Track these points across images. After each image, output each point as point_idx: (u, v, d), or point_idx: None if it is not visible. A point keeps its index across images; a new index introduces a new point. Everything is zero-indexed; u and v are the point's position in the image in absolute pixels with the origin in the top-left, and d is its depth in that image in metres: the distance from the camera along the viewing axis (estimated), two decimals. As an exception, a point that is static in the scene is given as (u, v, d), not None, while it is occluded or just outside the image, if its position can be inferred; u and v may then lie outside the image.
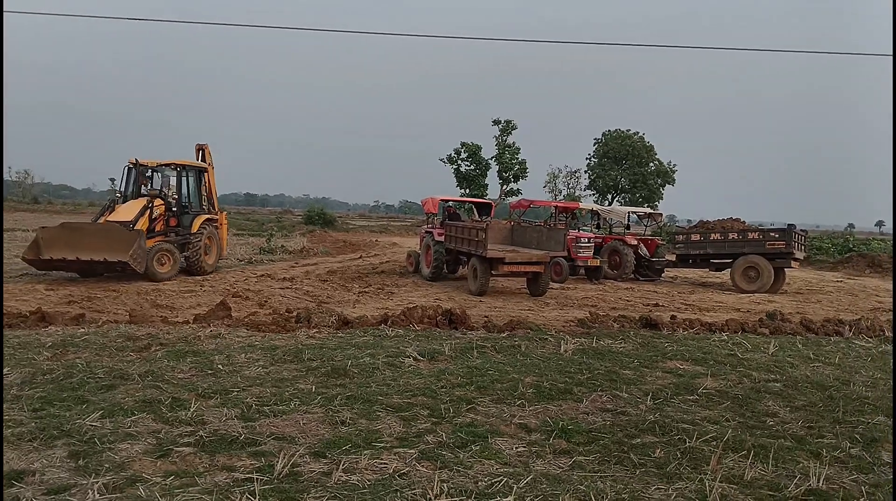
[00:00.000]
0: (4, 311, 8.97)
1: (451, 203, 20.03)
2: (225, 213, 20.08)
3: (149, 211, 14.99)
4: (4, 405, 4.96)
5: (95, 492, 3.55)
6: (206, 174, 17.55)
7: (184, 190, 16.51)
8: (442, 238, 16.77)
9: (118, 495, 3.56)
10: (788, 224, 18.20)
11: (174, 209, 16.06)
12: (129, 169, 15.92)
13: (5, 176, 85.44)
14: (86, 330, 8.03)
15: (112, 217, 14.70)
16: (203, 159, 17.73)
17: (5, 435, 4.32)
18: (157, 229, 15.31)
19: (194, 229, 16.08)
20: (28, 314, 8.79)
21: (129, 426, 4.63)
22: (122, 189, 15.96)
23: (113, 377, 5.81)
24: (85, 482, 3.69)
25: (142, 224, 14.56)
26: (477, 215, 19.83)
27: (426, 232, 18.00)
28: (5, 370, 5.85)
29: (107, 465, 3.95)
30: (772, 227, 19.92)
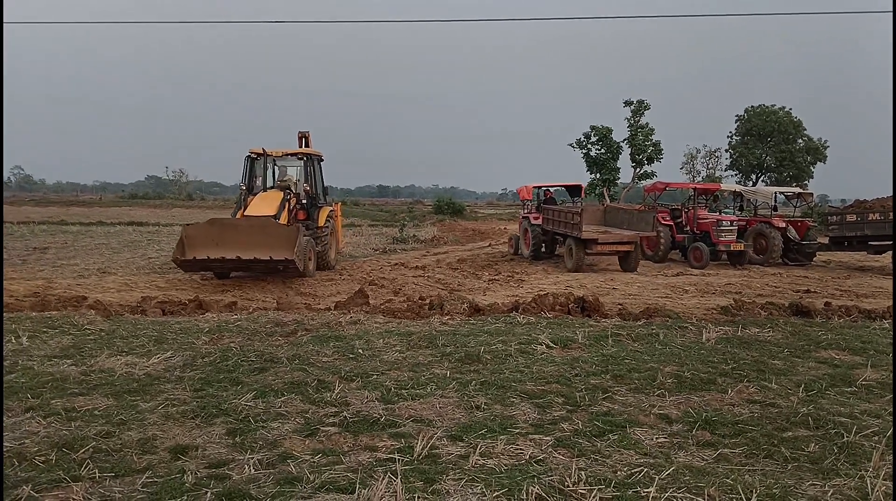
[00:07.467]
0: (167, 299, 9.81)
1: (544, 188, 21.06)
2: (339, 204, 18.66)
3: (287, 204, 13.75)
4: (170, 385, 5.42)
5: (251, 467, 3.80)
6: (322, 164, 16.20)
7: (310, 181, 15.16)
8: (538, 221, 18.56)
9: (271, 470, 3.79)
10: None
11: (304, 202, 14.69)
12: (252, 159, 14.85)
13: (163, 176, 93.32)
14: (238, 317, 8.61)
15: (251, 211, 13.23)
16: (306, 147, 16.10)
17: (171, 413, 4.72)
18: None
19: (320, 222, 14.81)
20: (187, 302, 9.55)
21: (280, 406, 4.91)
22: (246, 181, 14.80)
23: (264, 361, 6.18)
24: (241, 457, 3.95)
25: (283, 219, 13.24)
26: (570, 197, 20.99)
27: (523, 217, 19.78)
28: (169, 353, 6.39)
29: (260, 442, 4.21)
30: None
